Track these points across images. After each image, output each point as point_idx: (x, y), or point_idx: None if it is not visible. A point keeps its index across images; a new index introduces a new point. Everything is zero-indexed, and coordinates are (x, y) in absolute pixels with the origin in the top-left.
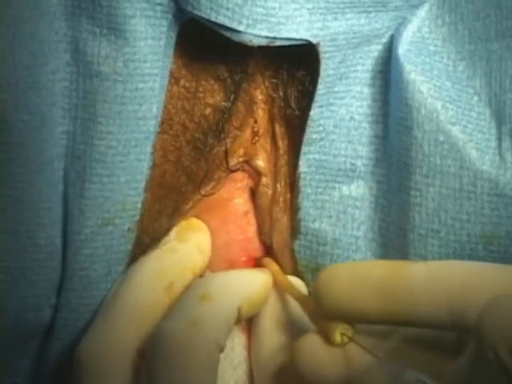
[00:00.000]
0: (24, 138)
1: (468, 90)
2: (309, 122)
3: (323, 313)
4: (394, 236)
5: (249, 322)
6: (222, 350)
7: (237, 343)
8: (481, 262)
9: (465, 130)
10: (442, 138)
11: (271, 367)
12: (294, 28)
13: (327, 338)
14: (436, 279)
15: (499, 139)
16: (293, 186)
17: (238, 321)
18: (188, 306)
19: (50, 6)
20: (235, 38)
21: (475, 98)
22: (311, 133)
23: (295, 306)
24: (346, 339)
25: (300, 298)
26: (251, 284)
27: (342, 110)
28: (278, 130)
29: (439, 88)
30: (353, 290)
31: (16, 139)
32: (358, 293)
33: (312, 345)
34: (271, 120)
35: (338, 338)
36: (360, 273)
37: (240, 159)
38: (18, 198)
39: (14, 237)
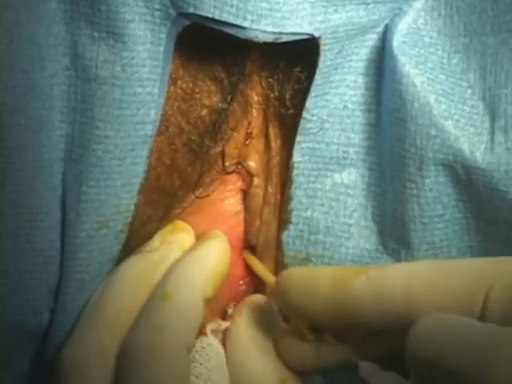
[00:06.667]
0: (22, 141)
1: (462, 83)
2: (304, 113)
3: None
4: (391, 225)
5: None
6: (190, 350)
7: (215, 350)
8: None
9: (457, 125)
10: (434, 133)
11: (247, 373)
12: (297, 22)
13: (298, 335)
14: (379, 292)
15: (492, 133)
16: (284, 186)
17: (207, 303)
18: (151, 309)
19: (49, 9)
20: (240, 34)
21: (469, 91)
22: (306, 123)
23: (269, 310)
24: (313, 337)
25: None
26: (207, 263)
27: (336, 99)
28: (272, 130)
29: (433, 81)
30: (304, 303)
31: (14, 143)
32: (308, 307)
33: (285, 341)
34: (265, 120)
35: (307, 334)
36: (309, 285)
37: (234, 161)
38: (17, 201)
39: (13, 240)
